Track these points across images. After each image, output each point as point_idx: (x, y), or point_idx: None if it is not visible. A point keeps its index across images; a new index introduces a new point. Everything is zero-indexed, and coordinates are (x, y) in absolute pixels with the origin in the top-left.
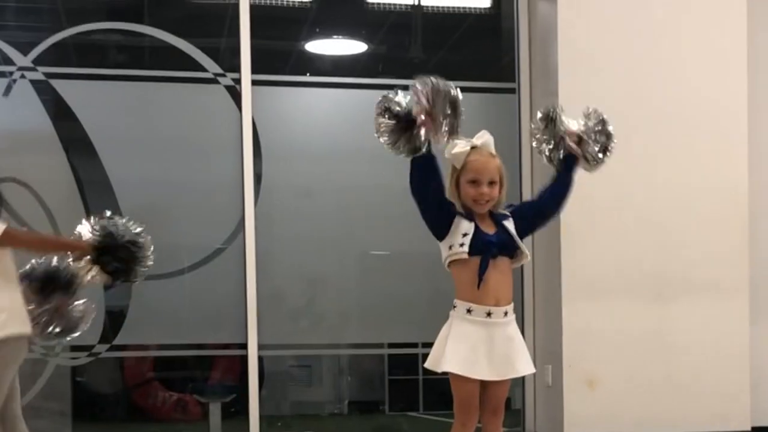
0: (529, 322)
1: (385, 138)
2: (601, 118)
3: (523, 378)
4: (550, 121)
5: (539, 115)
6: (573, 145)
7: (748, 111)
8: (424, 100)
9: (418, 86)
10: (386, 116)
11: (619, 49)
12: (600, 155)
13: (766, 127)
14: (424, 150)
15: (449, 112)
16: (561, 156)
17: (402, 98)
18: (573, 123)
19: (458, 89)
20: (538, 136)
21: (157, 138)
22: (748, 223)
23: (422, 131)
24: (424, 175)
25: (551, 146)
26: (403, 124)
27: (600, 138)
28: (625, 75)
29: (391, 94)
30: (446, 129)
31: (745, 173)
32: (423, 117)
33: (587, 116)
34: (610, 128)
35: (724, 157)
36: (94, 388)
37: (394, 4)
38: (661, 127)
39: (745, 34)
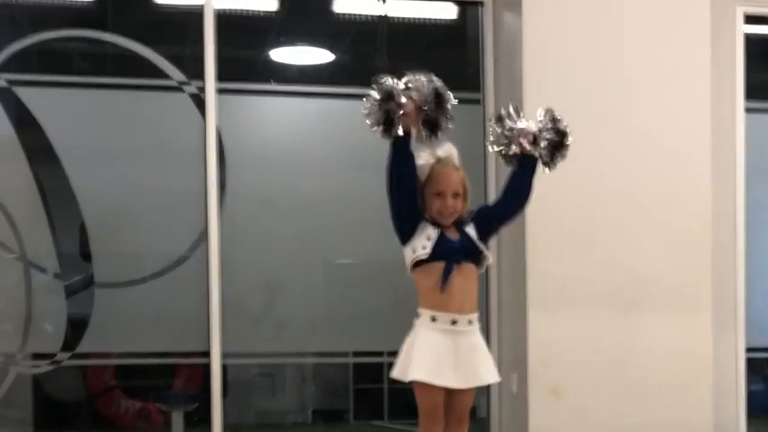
0: (495, 330)
1: (367, 110)
2: (552, 116)
3: (488, 386)
4: (501, 120)
5: (493, 116)
6: (526, 145)
7: (711, 122)
8: (414, 92)
9: (414, 77)
10: (377, 88)
11: (585, 61)
12: (553, 154)
13: (730, 138)
14: (399, 133)
15: (435, 108)
16: (516, 156)
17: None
18: (525, 123)
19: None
20: (492, 138)
21: (121, 146)
22: (711, 234)
23: (403, 119)
24: (402, 164)
25: (505, 146)
26: (384, 97)
27: (552, 136)
28: (590, 86)
29: (389, 76)
30: (425, 118)
31: (708, 185)
32: (409, 105)
33: (540, 116)
34: (563, 126)
35: (689, 169)
36: (56, 397)
37: (360, 14)
38: (627, 138)
39: (709, 44)
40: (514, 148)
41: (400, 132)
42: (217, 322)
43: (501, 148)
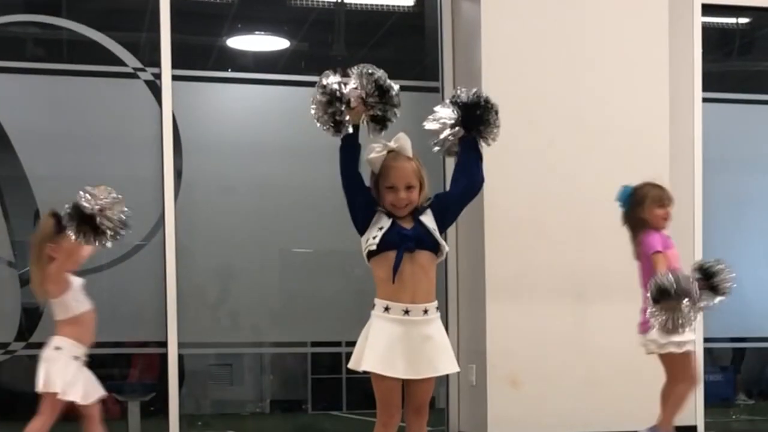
0: (453, 322)
1: (315, 112)
2: (459, 96)
3: (447, 377)
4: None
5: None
6: (455, 131)
7: (669, 115)
8: (358, 84)
9: (355, 72)
10: (319, 88)
11: (543, 50)
12: (484, 128)
13: (687, 131)
14: (349, 130)
15: (379, 98)
16: (455, 142)
17: (338, 79)
18: (448, 111)
19: (393, 83)
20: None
21: (76, 133)
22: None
23: (349, 115)
24: (349, 159)
25: (443, 142)
26: (329, 98)
27: (465, 113)
28: (548, 75)
29: (331, 73)
30: (372, 114)
31: (666, 176)
32: (355, 100)
33: (455, 99)
34: (466, 98)
35: (647, 160)
36: (10, 387)
37: (317, 1)
38: (584, 129)
39: (667, 38)
40: (449, 141)
41: (350, 130)
42: (173, 312)
43: (442, 147)
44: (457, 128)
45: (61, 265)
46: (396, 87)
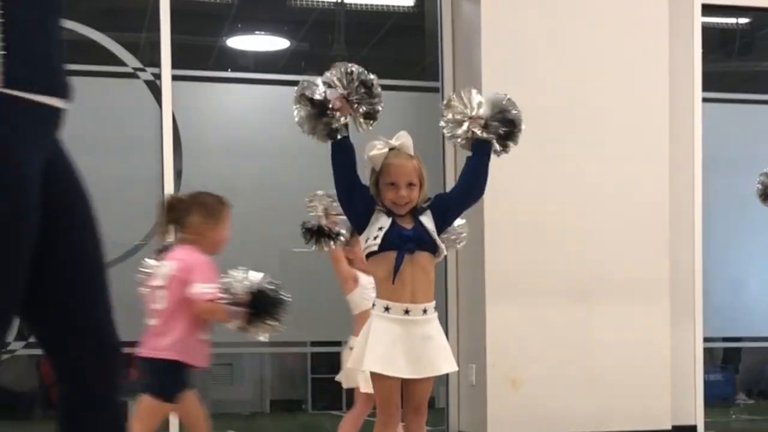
0: (453, 321)
1: (303, 123)
2: (503, 103)
3: (447, 377)
4: (450, 106)
5: (444, 101)
6: (477, 130)
7: (670, 115)
8: (339, 85)
9: (332, 72)
10: (303, 102)
11: (543, 50)
12: (505, 139)
13: (688, 131)
14: (339, 135)
15: (364, 94)
16: (470, 141)
17: (318, 83)
18: (476, 108)
19: (372, 75)
20: (443, 123)
21: (76, 133)
22: (669, 225)
23: (337, 115)
24: (341, 162)
25: (457, 130)
26: (318, 110)
27: (503, 123)
28: (548, 75)
29: (306, 81)
30: (362, 112)
31: (666, 176)
32: (338, 101)
33: (490, 101)
34: (514, 113)
35: (647, 160)
36: (10, 386)
37: (317, 1)
38: (585, 130)
39: (667, 38)
40: (466, 133)
41: (341, 136)
42: None
43: (453, 133)
44: (480, 131)
45: (337, 266)
46: (374, 77)
